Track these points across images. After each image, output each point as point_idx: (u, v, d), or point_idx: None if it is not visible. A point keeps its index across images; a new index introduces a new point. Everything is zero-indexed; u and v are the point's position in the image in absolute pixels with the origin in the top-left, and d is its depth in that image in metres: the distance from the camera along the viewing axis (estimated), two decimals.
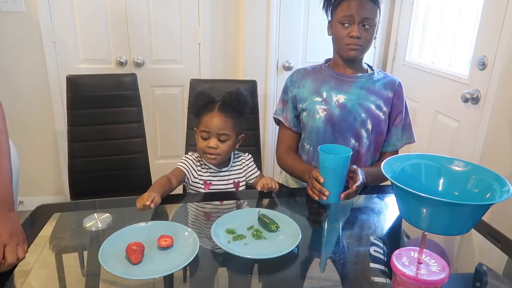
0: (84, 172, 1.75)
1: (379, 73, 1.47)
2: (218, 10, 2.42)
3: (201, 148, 1.28)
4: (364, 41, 1.34)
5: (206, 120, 1.27)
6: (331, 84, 1.42)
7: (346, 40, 1.33)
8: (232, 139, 1.29)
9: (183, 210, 1.20)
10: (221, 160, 1.30)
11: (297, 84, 1.47)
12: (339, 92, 1.40)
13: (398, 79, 1.47)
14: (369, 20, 1.31)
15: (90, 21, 2.30)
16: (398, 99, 1.42)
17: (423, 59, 2.42)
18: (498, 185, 0.99)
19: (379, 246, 1.02)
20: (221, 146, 1.27)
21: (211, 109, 1.28)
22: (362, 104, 1.38)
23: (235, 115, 1.30)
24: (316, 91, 1.42)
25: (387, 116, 1.41)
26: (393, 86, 1.42)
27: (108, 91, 1.72)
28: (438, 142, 2.16)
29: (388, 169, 1.06)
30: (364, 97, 1.39)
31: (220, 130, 1.26)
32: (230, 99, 1.29)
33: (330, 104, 1.39)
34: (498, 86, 1.71)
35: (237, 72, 2.55)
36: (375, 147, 1.43)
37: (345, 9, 1.32)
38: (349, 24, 1.32)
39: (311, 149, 1.44)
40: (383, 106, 1.40)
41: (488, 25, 1.77)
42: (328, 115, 1.38)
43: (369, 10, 1.31)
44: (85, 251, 0.99)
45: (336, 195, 1.18)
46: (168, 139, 2.59)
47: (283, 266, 0.92)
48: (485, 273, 0.92)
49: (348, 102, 1.38)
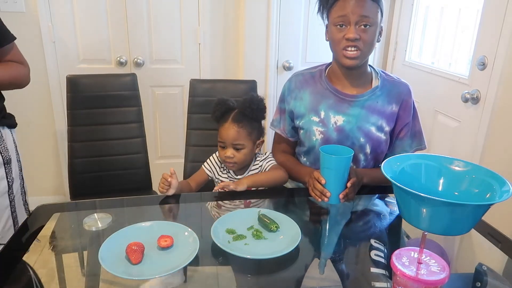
0: (84, 172, 1.75)
1: (385, 80, 1.32)
2: (218, 10, 2.42)
3: (221, 156, 1.35)
4: (363, 44, 1.19)
5: (222, 131, 1.32)
6: (329, 102, 1.31)
7: (343, 44, 1.20)
8: (248, 147, 1.32)
9: (183, 210, 1.20)
10: (240, 167, 1.36)
11: (295, 94, 1.38)
12: (337, 112, 1.30)
13: (408, 85, 1.34)
14: (367, 18, 1.17)
15: (90, 21, 2.30)
16: (404, 111, 1.31)
17: (423, 59, 2.42)
18: (498, 185, 0.99)
19: (380, 250, 1.01)
20: (237, 155, 1.31)
21: (226, 119, 1.32)
22: (362, 128, 1.29)
23: (249, 123, 1.32)
24: (313, 108, 1.33)
25: (390, 132, 1.33)
26: (398, 98, 1.30)
27: (108, 91, 1.72)
28: (438, 142, 2.16)
29: (388, 169, 1.06)
30: (365, 119, 1.29)
31: (234, 141, 1.30)
32: (243, 108, 1.32)
33: (328, 127, 1.31)
34: (498, 86, 1.71)
35: (237, 72, 2.55)
36: (374, 164, 1.38)
37: (339, 9, 1.19)
38: (345, 26, 1.19)
39: (308, 164, 1.41)
40: (385, 126, 1.30)
41: (488, 25, 1.77)
42: (325, 138, 1.32)
43: (366, 8, 1.17)
44: (85, 251, 0.99)
45: (337, 196, 1.18)
46: (168, 139, 2.59)
47: (283, 266, 0.92)
48: (485, 273, 0.92)
49: (347, 125, 1.29)
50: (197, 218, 1.14)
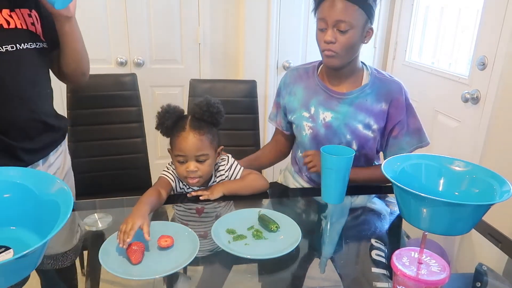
0: (84, 172, 1.74)
1: (376, 78, 1.32)
2: (218, 10, 2.41)
3: (181, 173, 1.16)
4: (339, 47, 1.20)
5: (179, 143, 1.13)
6: (320, 98, 1.33)
7: (322, 46, 1.23)
8: (211, 157, 1.16)
9: (183, 210, 1.20)
10: (204, 181, 1.20)
11: (289, 89, 1.41)
12: (326, 109, 1.32)
13: (400, 83, 1.33)
14: (343, 23, 1.17)
15: (90, 21, 2.30)
16: (396, 108, 1.29)
17: (423, 59, 2.42)
18: (498, 185, 0.99)
19: (381, 249, 1.01)
20: (201, 167, 1.14)
21: (181, 128, 1.13)
22: (348, 125, 1.30)
23: (209, 129, 1.15)
24: (305, 103, 1.35)
25: (380, 131, 1.32)
26: (388, 96, 1.29)
27: (108, 91, 1.72)
28: (438, 142, 2.16)
29: (388, 169, 1.06)
30: (352, 116, 1.30)
31: (197, 152, 1.12)
32: (201, 113, 1.14)
33: (317, 122, 1.33)
34: (498, 86, 1.71)
35: (237, 72, 2.55)
36: (365, 161, 1.37)
37: (320, 12, 1.22)
38: (325, 28, 1.21)
39: (299, 161, 1.45)
40: (373, 124, 1.30)
41: (488, 25, 1.77)
42: (314, 133, 1.34)
43: (343, 11, 1.16)
44: (85, 251, 0.99)
45: (338, 196, 1.18)
46: (168, 139, 2.58)
47: (283, 266, 0.92)
48: (485, 273, 0.92)
49: (334, 122, 1.31)
50: (197, 218, 1.14)
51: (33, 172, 1.00)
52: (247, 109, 1.81)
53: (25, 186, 0.87)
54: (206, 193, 1.17)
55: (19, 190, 0.88)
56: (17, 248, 0.83)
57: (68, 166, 1.35)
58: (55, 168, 1.25)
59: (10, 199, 0.88)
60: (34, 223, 0.86)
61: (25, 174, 0.91)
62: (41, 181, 0.88)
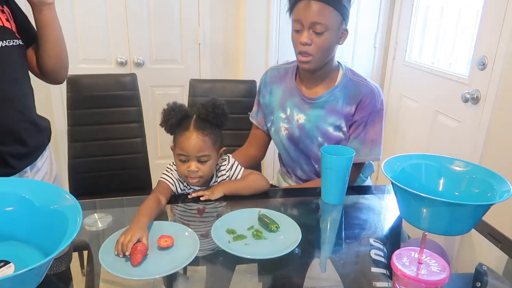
0: (84, 172, 1.75)
1: (350, 80, 1.30)
2: (218, 10, 2.42)
3: (181, 172, 1.16)
4: (315, 49, 1.19)
5: (182, 142, 1.13)
6: (295, 100, 1.36)
7: (298, 47, 1.22)
8: (213, 158, 1.15)
9: (183, 210, 1.20)
10: (204, 181, 1.20)
11: (269, 88, 1.42)
12: (300, 111, 1.35)
13: (374, 89, 1.29)
14: (319, 25, 1.16)
15: (90, 21, 2.30)
16: (361, 110, 1.28)
17: (423, 59, 2.42)
18: (498, 185, 0.99)
19: (380, 249, 1.01)
20: (202, 168, 1.14)
21: (185, 127, 1.13)
22: (319, 127, 1.32)
23: (213, 130, 1.14)
24: (282, 105, 1.38)
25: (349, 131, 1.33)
26: (356, 98, 1.28)
27: (108, 91, 1.72)
28: (438, 142, 2.16)
29: (389, 169, 1.06)
30: (323, 119, 1.31)
31: (199, 152, 1.12)
32: (206, 113, 1.14)
33: (292, 123, 1.36)
34: (498, 86, 1.71)
35: (237, 72, 2.55)
36: None
37: (295, 14, 1.21)
38: (301, 30, 1.20)
39: (284, 162, 1.48)
40: (343, 126, 1.31)
41: (488, 25, 1.77)
42: (289, 134, 1.37)
43: (319, 13, 1.16)
44: (85, 251, 0.99)
45: (338, 196, 1.18)
46: (168, 139, 2.57)
47: (283, 266, 0.92)
48: (485, 273, 0.92)
49: (307, 124, 1.34)
50: (197, 218, 1.14)
51: (42, 184, 0.98)
52: (247, 109, 1.80)
53: (30, 201, 0.86)
54: (206, 193, 1.17)
55: (23, 203, 0.87)
56: (19, 263, 0.82)
57: (55, 172, 1.31)
58: (42, 174, 1.22)
59: (13, 212, 0.87)
60: (39, 237, 0.85)
61: (32, 186, 0.89)
62: (48, 195, 0.87)
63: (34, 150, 1.17)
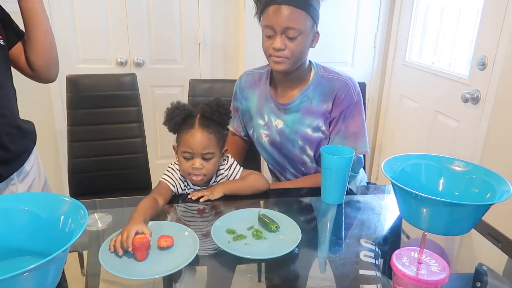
0: (84, 172, 1.75)
1: (322, 78, 1.29)
2: (218, 10, 2.42)
3: (185, 170, 1.16)
4: (289, 53, 1.19)
5: (187, 139, 1.13)
6: (270, 106, 1.35)
7: (270, 52, 1.21)
8: (217, 156, 1.17)
9: (183, 210, 1.20)
10: (208, 179, 1.21)
11: (245, 93, 1.42)
12: (277, 116, 1.34)
13: (347, 81, 1.28)
14: (292, 30, 1.16)
15: (90, 21, 2.30)
16: (338, 104, 1.27)
17: (423, 59, 2.42)
18: (498, 185, 0.99)
19: (380, 249, 1.01)
20: (206, 165, 1.15)
21: (190, 125, 1.14)
22: (298, 131, 1.31)
23: (216, 129, 1.16)
24: (259, 111, 1.38)
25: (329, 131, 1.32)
26: (331, 94, 1.27)
27: (108, 91, 1.72)
28: (438, 142, 2.16)
29: (388, 169, 1.06)
30: (300, 122, 1.30)
31: (204, 150, 1.13)
32: (210, 112, 1.15)
33: (271, 130, 1.36)
34: (498, 86, 1.71)
35: (237, 72, 2.55)
36: None
37: (266, 19, 1.19)
38: (273, 35, 1.19)
39: (271, 167, 1.49)
40: (321, 125, 1.30)
41: (488, 25, 1.77)
42: (271, 141, 1.38)
43: (290, 18, 1.15)
44: (85, 251, 0.99)
45: (338, 196, 1.18)
46: (168, 139, 2.57)
47: (283, 266, 0.92)
48: (485, 273, 0.92)
49: (286, 129, 1.33)
50: (197, 218, 1.14)
51: (42, 196, 0.95)
52: None
53: (38, 215, 0.85)
54: (206, 193, 1.17)
55: (33, 218, 0.85)
56: None
57: (44, 177, 1.28)
58: (31, 179, 1.19)
59: (24, 227, 0.85)
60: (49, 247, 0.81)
61: (34, 199, 0.88)
62: (53, 207, 0.86)
63: (19, 154, 1.13)
